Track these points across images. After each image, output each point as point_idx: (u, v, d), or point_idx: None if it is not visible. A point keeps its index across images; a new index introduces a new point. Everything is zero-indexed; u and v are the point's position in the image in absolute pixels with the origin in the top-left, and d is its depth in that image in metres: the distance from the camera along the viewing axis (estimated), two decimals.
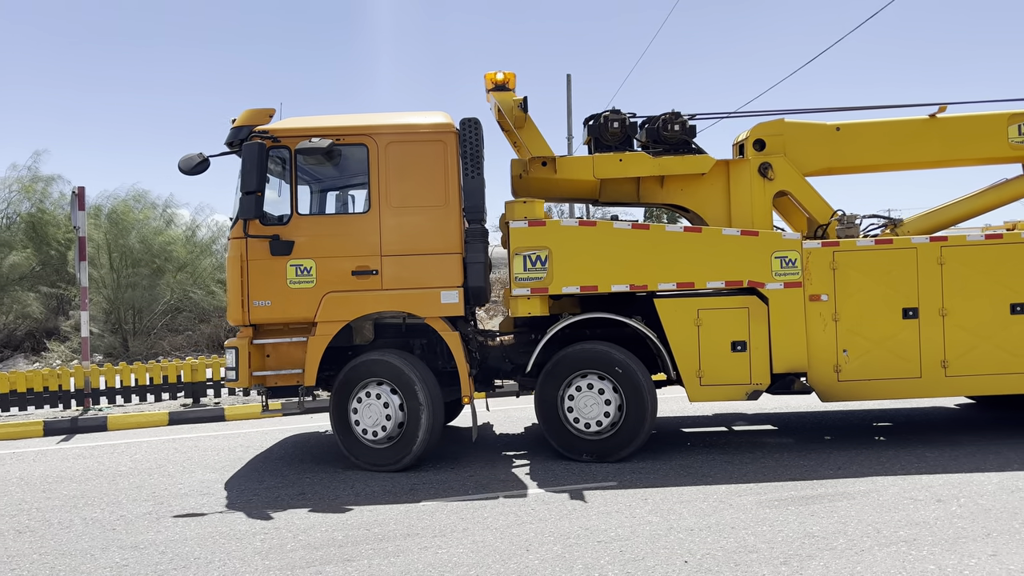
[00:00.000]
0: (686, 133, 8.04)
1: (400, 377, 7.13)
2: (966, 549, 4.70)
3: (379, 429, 7.13)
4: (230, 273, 7.36)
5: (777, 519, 5.40)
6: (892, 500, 5.78)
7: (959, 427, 8.50)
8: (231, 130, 7.56)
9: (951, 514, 5.39)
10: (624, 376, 7.18)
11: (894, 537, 4.96)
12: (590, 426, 7.19)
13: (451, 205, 7.26)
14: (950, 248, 7.41)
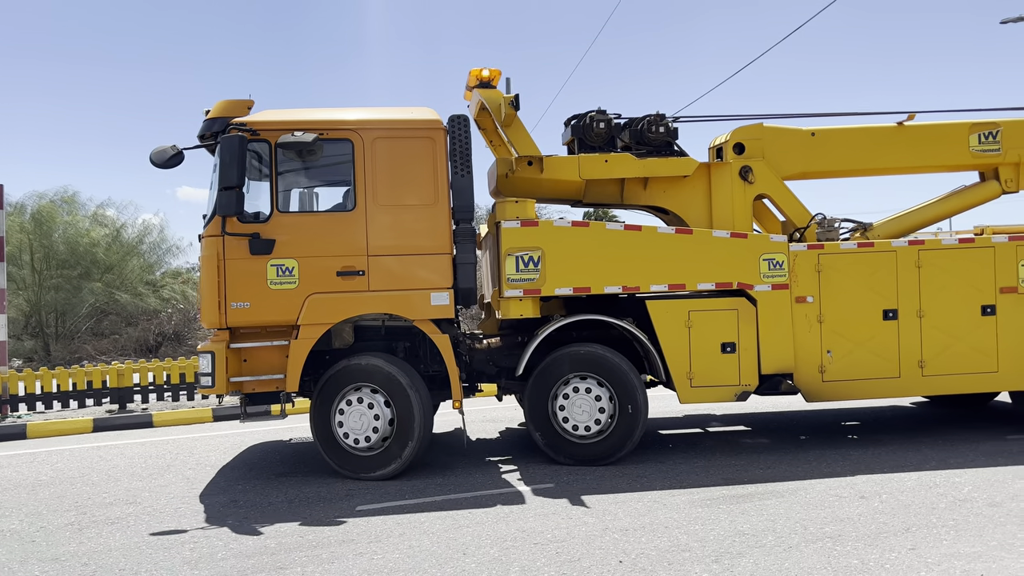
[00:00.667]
0: (669, 135, 8.05)
1: (390, 381, 6.88)
2: (887, 544, 4.86)
3: (368, 435, 6.86)
4: (205, 273, 6.96)
5: (709, 518, 5.51)
6: (818, 497, 5.93)
7: (885, 426, 8.82)
8: (205, 122, 7.16)
9: (874, 510, 5.57)
10: (618, 378, 7.12)
11: (820, 533, 5.09)
12: (582, 429, 7.10)
13: (441, 204, 7.06)
14: (927, 251, 7.64)
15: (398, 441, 6.88)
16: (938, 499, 5.80)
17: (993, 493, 5.90)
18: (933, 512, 5.49)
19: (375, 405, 6.87)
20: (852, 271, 7.56)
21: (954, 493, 5.94)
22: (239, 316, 6.87)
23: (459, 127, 7.17)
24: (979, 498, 5.78)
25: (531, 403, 7.14)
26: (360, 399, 6.88)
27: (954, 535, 4.99)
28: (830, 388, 7.55)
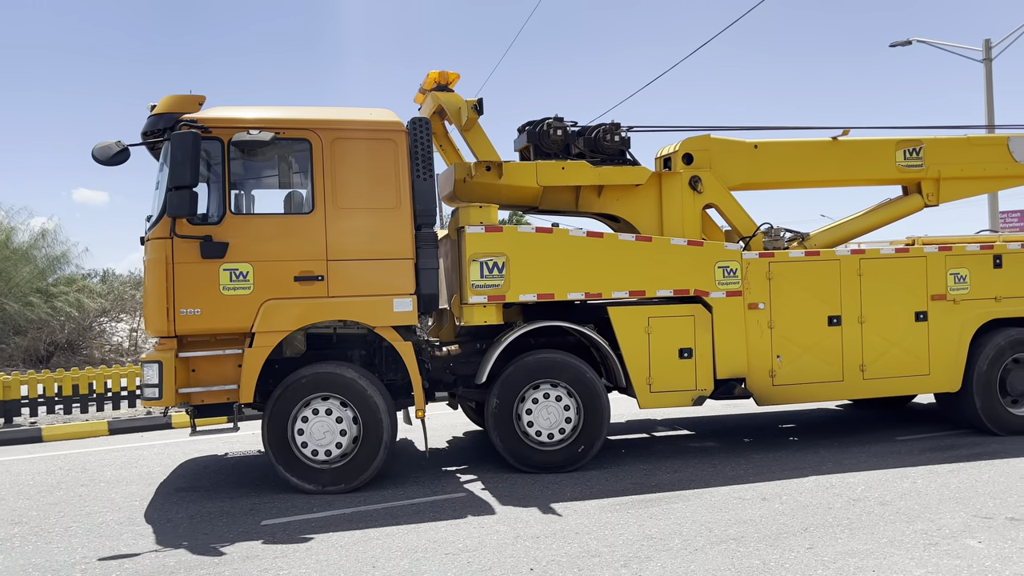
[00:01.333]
0: (623, 144, 8.15)
1: (355, 391, 6.65)
2: (787, 544, 5.06)
3: (332, 448, 6.60)
4: (151, 278, 6.53)
5: (619, 523, 5.60)
6: (723, 500, 6.12)
7: (788, 430, 9.16)
8: (151, 118, 6.75)
9: (774, 511, 5.78)
10: (584, 385, 7.13)
11: (724, 535, 5.25)
12: (545, 435, 7.08)
13: (403, 207, 6.88)
14: (867, 260, 8.02)
15: (365, 452, 6.65)
16: (834, 499, 6.06)
17: (883, 492, 6.19)
18: (829, 512, 5.72)
19: (339, 415, 6.62)
20: (800, 279, 7.85)
21: (848, 493, 6.21)
22: (189, 323, 6.49)
23: (421, 130, 7.03)
24: (871, 497, 6.07)
25: (496, 411, 7.04)
26: (328, 410, 6.61)
27: (848, 533, 5.22)
28: (780, 392, 7.80)
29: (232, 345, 6.67)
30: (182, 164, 6.21)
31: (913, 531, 5.23)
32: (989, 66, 20.26)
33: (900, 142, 9.04)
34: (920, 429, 8.76)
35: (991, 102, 20.22)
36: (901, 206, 9.34)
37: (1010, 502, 5.83)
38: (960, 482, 6.45)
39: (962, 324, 8.13)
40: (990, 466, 6.93)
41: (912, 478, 6.61)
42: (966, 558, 4.70)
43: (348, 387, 6.65)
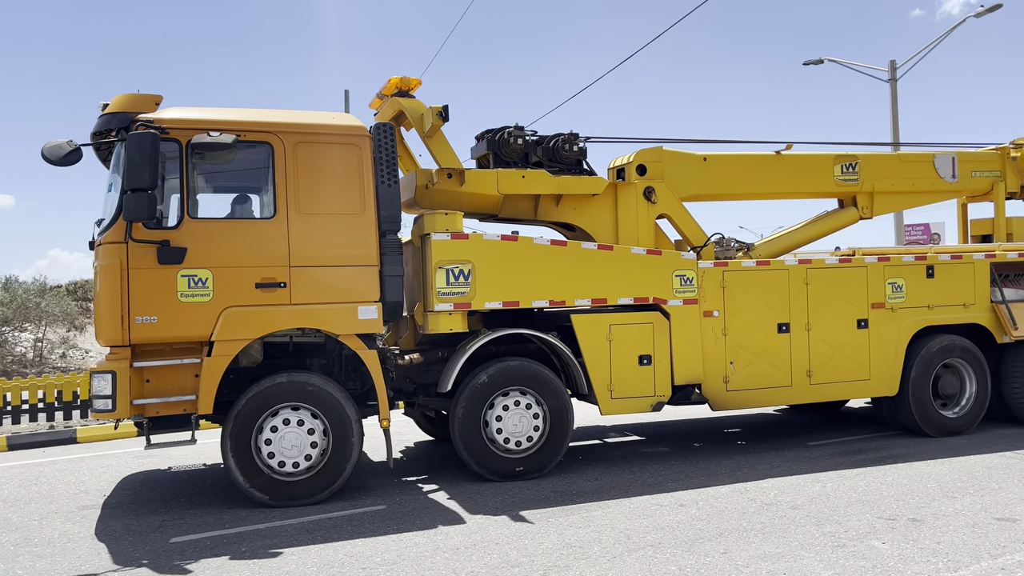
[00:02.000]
0: (581, 154, 8.25)
1: (324, 400, 6.50)
2: (702, 549, 5.17)
3: (300, 459, 6.42)
4: (104, 284, 6.24)
5: (539, 532, 5.62)
6: (641, 507, 6.19)
7: (703, 434, 9.45)
8: (103, 117, 6.47)
9: (691, 517, 5.89)
10: (552, 392, 7.19)
11: (642, 542, 5.33)
12: (520, 443, 7.08)
13: (368, 213, 6.79)
14: (814, 270, 8.35)
15: (334, 463, 6.51)
16: (748, 504, 6.19)
17: (795, 496, 6.36)
18: (744, 516, 5.85)
19: (309, 425, 6.46)
20: (752, 287, 8.11)
21: (762, 498, 6.35)
22: (145, 332, 6.22)
23: (385, 135, 6.95)
24: (783, 501, 6.23)
25: (463, 419, 6.99)
26: (300, 421, 6.44)
27: (762, 537, 5.34)
28: (733, 397, 8.02)
29: (189, 354, 6.43)
30: (140, 165, 5.97)
31: (822, 533, 5.39)
32: (894, 86, 21.32)
33: (837, 157, 9.47)
34: (831, 434, 9.04)
35: (896, 120, 21.26)
36: (838, 218, 9.77)
37: (912, 504, 6.06)
38: (867, 485, 6.66)
39: (899, 331, 8.55)
40: (895, 469, 7.19)
41: (822, 482, 6.81)
42: (871, 559, 4.88)
43: (318, 397, 6.51)
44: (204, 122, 6.44)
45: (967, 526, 5.47)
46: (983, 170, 10.16)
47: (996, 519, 5.61)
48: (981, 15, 19.38)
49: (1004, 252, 9.16)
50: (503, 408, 7.09)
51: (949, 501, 6.12)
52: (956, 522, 5.56)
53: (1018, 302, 9.03)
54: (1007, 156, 10.28)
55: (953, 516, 5.72)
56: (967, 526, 5.47)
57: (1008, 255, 9.14)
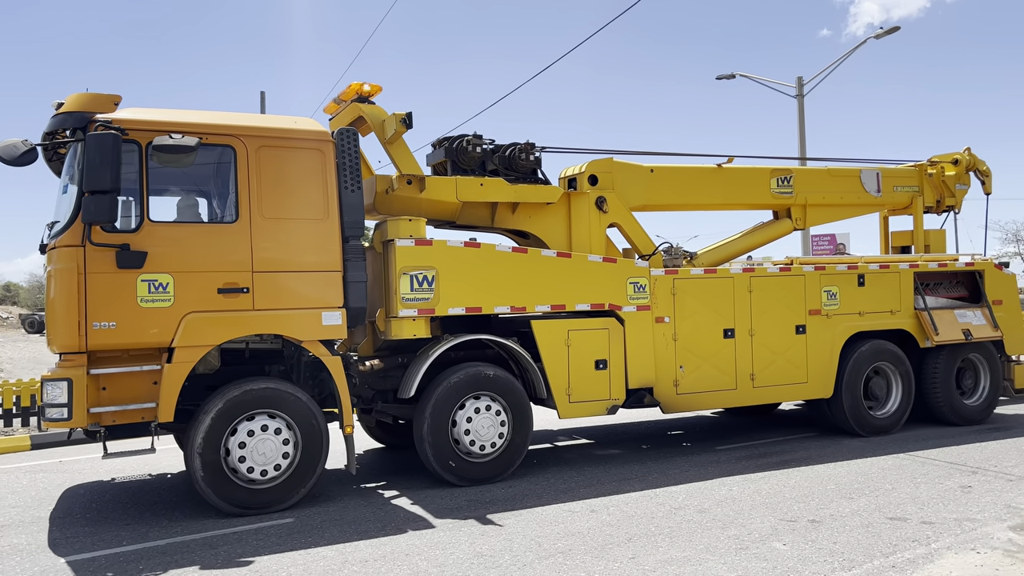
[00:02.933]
0: (536, 163, 8.42)
1: (295, 407, 6.45)
2: (612, 554, 5.23)
3: (270, 467, 6.34)
4: (59, 288, 6.04)
5: (450, 541, 5.59)
6: (553, 514, 6.23)
7: (621, 439, 9.65)
8: (59, 116, 6.26)
9: (602, 523, 5.95)
10: (515, 397, 7.32)
11: (553, 549, 5.37)
12: (478, 447, 7.17)
13: (331, 219, 6.77)
14: (756, 278, 8.75)
15: (303, 469, 6.48)
16: (657, 508, 6.30)
17: (702, 500, 6.52)
18: (652, 521, 5.95)
19: (284, 432, 6.41)
20: (700, 294, 8.44)
21: (670, 502, 6.49)
22: (103, 338, 6.04)
23: (348, 140, 6.95)
24: (690, 505, 6.37)
25: (431, 424, 7.03)
26: (265, 427, 6.36)
27: (669, 542, 5.45)
28: (683, 400, 8.32)
29: (147, 361, 6.28)
30: (101, 167, 5.81)
31: (727, 536, 5.52)
32: (801, 101, 22.17)
33: (773, 171, 9.94)
34: (738, 439, 9.29)
35: (803, 135, 22.12)
36: (773, 229, 10.25)
37: (811, 505, 6.26)
38: (770, 488, 6.85)
39: (834, 336, 9.04)
40: (797, 472, 7.42)
41: (728, 486, 6.97)
42: (772, 560, 5.03)
43: (290, 403, 6.46)
44: (165, 124, 6.30)
45: (862, 526, 5.69)
46: (904, 185, 10.84)
47: (888, 518, 5.85)
48: (881, 36, 20.57)
49: (926, 263, 9.80)
50: (474, 411, 7.17)
51: (846, 502, 6.34)
52: (852, 522, 5.77)
53: (939, 309, 9.67)
54: (925, 172, 11.00)
55: (849, 516, 5.93)
56: (862, 526, 5.69)
57: (930, 265, 9.78)
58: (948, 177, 11.05)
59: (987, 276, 10.11)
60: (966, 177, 11.26)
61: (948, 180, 11.05)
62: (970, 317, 9.77)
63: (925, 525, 5.67)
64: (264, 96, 27.32)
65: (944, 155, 11.30)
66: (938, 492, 6.58)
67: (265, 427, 6.37)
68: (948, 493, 6.53)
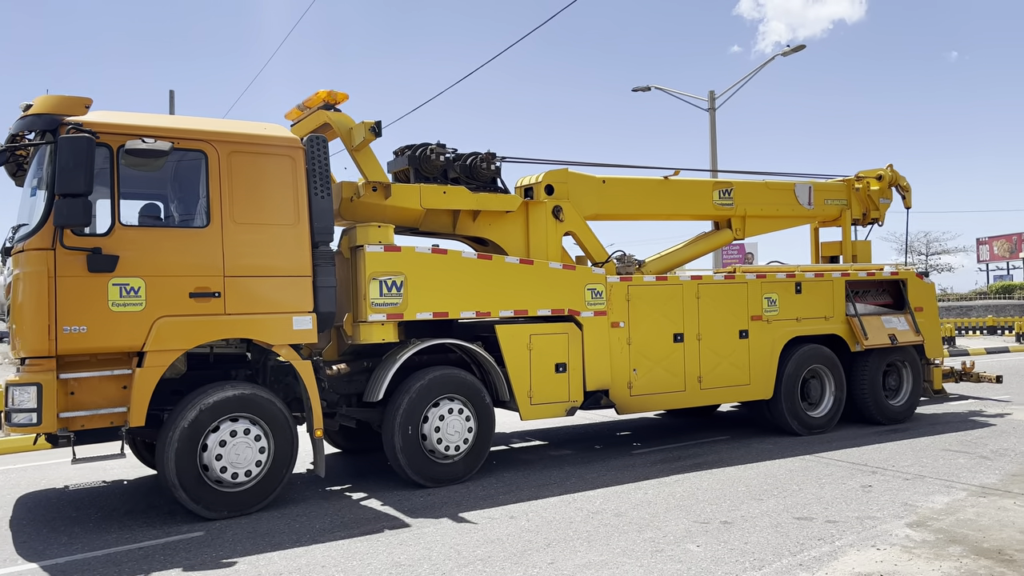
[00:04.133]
0: (496, 172, 8.67)
1: (267, 410, 6.52)
2: (530, 560, 5.26)
3: (249, 469, 6.40)
4: (28, 292, 5.96)
5: (368, 552, 5.52)
6: (472, 521, 6.19)
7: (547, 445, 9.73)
8: (27, 118, 6.21)
9: (521, 529, 5.95)
10: (479, 400, 7.53)
11: (472, 557, 5.35)
12: (448, 449, 7.34)
13: (302, 224, 6.87)
14: (704, 285, 9.20)
15: (276, 471, 6.57)
16: (575, 513, 6.35)
17: (619, 504, 6.58)
18: (571, 526, 5.99)
19: (258, 435, 6.47)
20: (652, 300, 8.83)
21: (588, 506, 6.53)
22: (73, 342, 6.00)
23: (318, 147, 7.07)
24: (608, 509, 6.42)
25: (402, 427, 7.17)
26: (240, 430, 6.40)
27: (587, 546, 5.50)
28: (636, 401, 8.69)
29: (116, 365, 6.25)
30: (74, 170, 5.79)
31: (643, 539, 5.60)
32: (713, 115, 23.04)
33: (715, 184, 10.47)
34: (653, 442, 9.45)
35: (715, 147, 22.98)
36: (715, 239, 10.77)
37: (724, 507, 6.39)
38: (684, 491, 6.98)
39: (773, 341, 9.57)
40: (709, 475, 7.58)
41: (644, 489, 7.07)
42: (686, 562, 5.14)
43: (264, 408, 6.53)
44: (137, 128, 6.30)
45: (771, 526, 5.84)
46: (833, 199, 11.54)
47: (796, 518, 6.03)
48: (788, 54, 21.71)
49: (856, 272, 10.46)
50: (444, 413, 7.36)
51: (756, 503, 6.50)
52: (762, 523, 5.93)
53: (867, 315, 10.34)
54: (852, 187, 11.73)
55: (759, 517, 6.07)
56: (771, 526, 5.84)
57: (859, 274, 10.45)
58: (873, 192, 11.81)
59: (909, 284, 10.85)
60: (888, 192, 12.05)
61: (873, 194, 11.81)
62: (895, 323, 10.47)
63: (830, 524, 5.88)
64: (173, 95, 26.68)
65: (869, 171, 12.07)
66: (841, 492, 6.81)
67: (247, 431, 6.43)
68: (850, 493, 6.77)
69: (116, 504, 7.11)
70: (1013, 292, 39.95)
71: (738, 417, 11.58)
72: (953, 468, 7.64)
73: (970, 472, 7.46)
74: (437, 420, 7.33)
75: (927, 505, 6.34)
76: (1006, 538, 5.46)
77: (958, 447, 8.67)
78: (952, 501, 6.44)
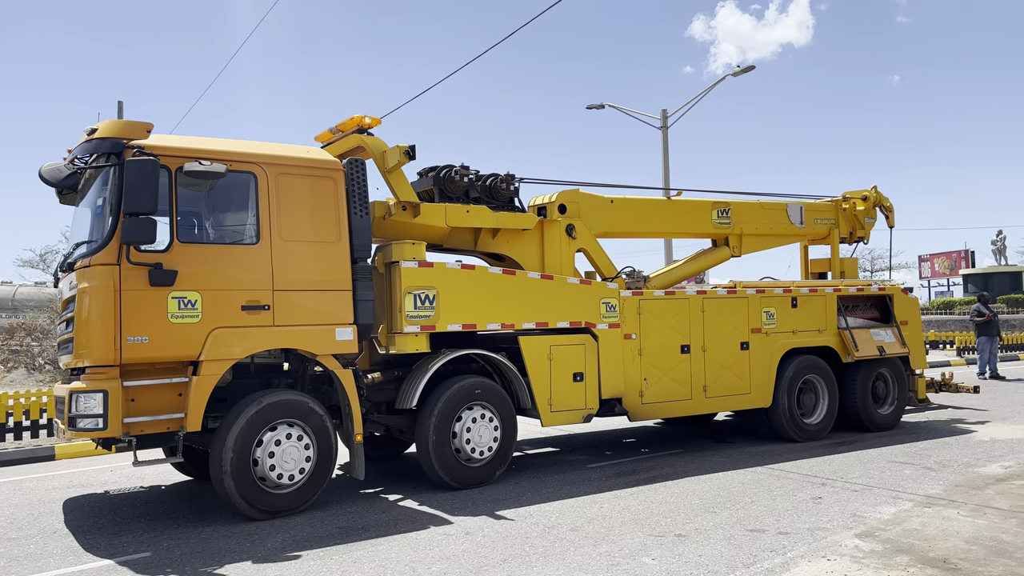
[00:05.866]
0: (515, 193, 9.19)
1: (314, 416, 6.95)
2: None
3: (297, 471, 6.81)
4: (94, 305, 6.35)
5: (321, 571, 5.46)
6: (428, 538, 6.13)
7: None
8: (93, 141, 6.62)
9: (477, 544, 5.90)
10: (505, 407, 8.01)
11: (427, 573, 5.31)
12: (480, 453, 7.81)
13: (343, 242, 7.33)
14: (708, 299, 9.77)
15: (319, 474, 6.97)
16: (531, 528, 6.33)
17: (575, 518, 6.58)
18: (527, 541, 5.96)
19: (306, 439, 6.88)
20: (661, 313, 9.37)
21: (544, 521, 6.52)
22: (136, 351, 6.40)
23: (357, 169, 7.54)
24: (564, 524, 6.42)
25: (436, 432, 7.61)
26: (291, 435, 6.83)
27: (543, 561, 5.48)
28: (647, 409, 9.21)
29: (174, 374, 6.64)
30: (141, 191, 6.21)
31: (599, 553, 5.60)
32: (665, 133, 23.54)
33: (714, 204, 11.07)
34: (608, 456, 9.49)
35: (667, 165, 23.44)
36: (714, 256, 11.37)
37: (678, 520, 6.42)
38: (639, 504, 6.99)
39: (772, 352, 10.15)
40: (663, 488, 7.61)
41: (600, 503, 7.07)
42: (642, 575, 5.17)
43: (309, 413, 6.96)
44: (194, 151, 6.74)
45: (725, 538, 5.88)
46: (823, 218, 12.20)
47: (748, 530, 6.08)
48: (738, 74, 22.40)
49: (847, 287, 11.10)
50: (476, 417, 7.82)
51: (710, 516, 6.53)
52: (715, 535, 5.97)
53: (858, 328, 10.97)
54: (840, 207, 12.41)
55: (713, 530, 6.11)
56: (725, 538, 5.88)
57: (850, 289, 11.09)
58: (859, 212, 12.50)
59: (896, 300, 11.52)
60: (873, 212, 12.76)
61: (859, 214, 12.50)
62: (883, 335, 11.12)
63: (781, 535, 5.93)
64: (121, 105, 26.89)
65: (855, 192, 12.77)
66: (792, 504, 6.86)
67: (290, 435, 6.84)
68: (802, 504, 6.84)
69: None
70: (953, 308, 40.73)
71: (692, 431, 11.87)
72: (899, 479, 7.76)
73: (916, 483, 7.57)
74: (469, 424, 7.78)
75: (875, 516, 6.41)
76: (951, 547, 5.54)
77: (904, 459, 8.81)
78: (899, 511, 6.53)
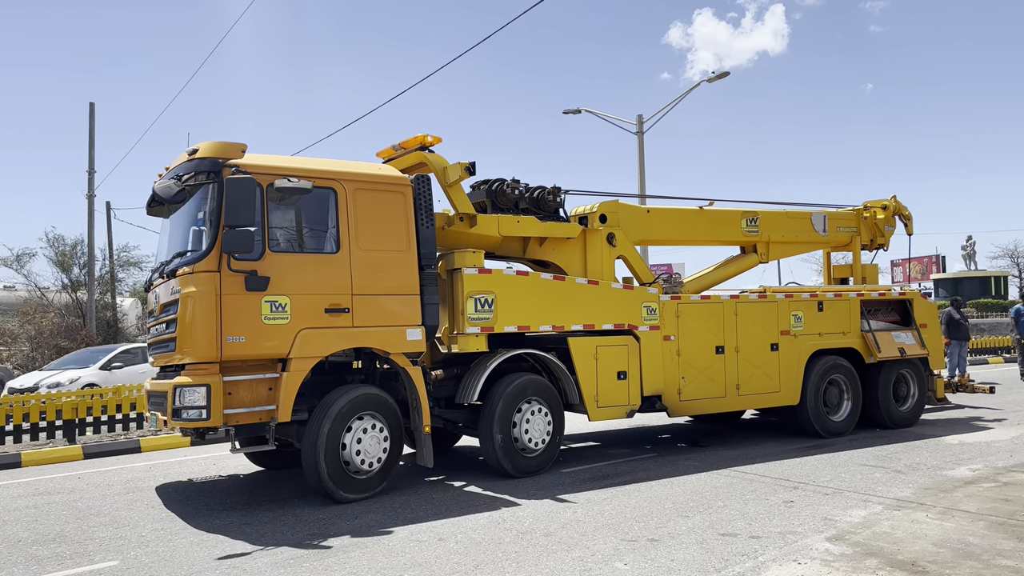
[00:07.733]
0: (560, 204, 9.88)
1: (388, 408, 7.68)
2: None
3: (378, 458, 7.54)
4: (197, 308, 7.07)
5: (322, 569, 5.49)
6: (400, 544, 6.09)
7: None
8: (193, 160, 7.36)
9: (449, 551, 5.87)
10: (555, 402, 8.71)
11: None
12: (535, 444, 8.50)
13: (412, 250, 8.04)
14: (741, 303, 10.43)
15: (391, 460, 7.73)
16: (504, 533, 6.28)
17: (548, 523, 6.55)
18: (499, 547, 5.92)
19: (384, 429, 7.61)
20: (698, 316, 10.04)
21: (518, 527, 6.47)
22: (234, 350, 7.11)
23: (424, 185, 8.27)
24: (537, 529, 6.38)
25: (500, 424, 8.30)
26: (374, 425, 7.57)
27: (516, 567, 5.43)
28: (685, 406, 9.87)
29: (265, 370, 7.36)
30: (240, 205, 6.96)
31: (572, 559, 5.57)
32: (641, 138, 23.65)
33: (743, 213, 11.73)
34: (582, 461, 9.52)
35: (643, 170, 23.53)
36: (743, 262, 12.03)
37: (651, 524, 6.40)
38: (613, 509, 6.97)
39: (800, 353, 10.79)
40: (636, 492, 7.63)
41: (574, 508, 7.06)
42: None
43: (385, 406, 7.67)
44: (283, 168, 7.47)
45: (697, 543, 5.86)
46: (845, 226, 12.84)
47: (720, 534, 6.07)
48: (713, 80, 22.68)
49: (869, 292, 11.74)
50: (534, 410, 8.51)
51: (682, 520, 6.51)
52: (688, 539, 5.95)
53: (879, 331, 11.59)
54: (861, 216, 13.04)
55: (685, 534, 6.10)
56: (697, 543, 5.86)
57: (872, 294, 11.72)
58: (879, 220, 13.13)
59: (915, 304, 12.15)
60: (892, 220, 13.38)
61: (879, 223, 13.13)
62: (904, 338, 11.74)
63: (753, 539, 5.92)
64: (93, 107, 27.72)
65: (875, 201, 13.40)
66: (764, 508, 6.86)
67: (375, 425, 7.57)
68: (773, 508, 6.84)
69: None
70: None
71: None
72: (870, 482, 7.81)
73: (885, 486, 7.60)
74: (528, 416, 8.47)
75: (845, 519, 6.42)
76: (919, 550, 5.55)
77: (875, 462, 8.88)
78: (869, 514, 6.55)
